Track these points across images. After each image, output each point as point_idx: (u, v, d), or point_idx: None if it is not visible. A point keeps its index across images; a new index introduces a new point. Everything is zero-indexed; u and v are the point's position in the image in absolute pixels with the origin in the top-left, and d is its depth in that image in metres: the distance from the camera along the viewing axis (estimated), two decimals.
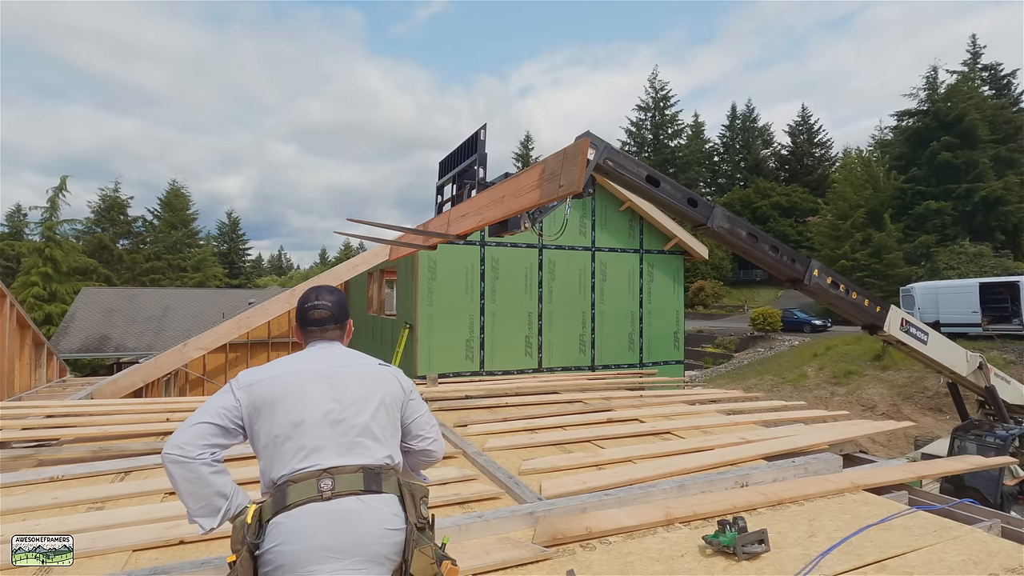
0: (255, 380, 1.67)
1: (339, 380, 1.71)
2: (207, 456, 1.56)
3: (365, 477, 1.58)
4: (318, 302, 1.89)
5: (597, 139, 3.72)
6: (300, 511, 1.50)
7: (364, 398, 1.70)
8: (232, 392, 1.65)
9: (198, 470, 1.53)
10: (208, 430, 1.58)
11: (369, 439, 1.66)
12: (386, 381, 1.78)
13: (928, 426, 14.99)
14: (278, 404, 1.63)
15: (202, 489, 1.55)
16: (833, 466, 4.11)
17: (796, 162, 50.69)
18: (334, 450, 1.60)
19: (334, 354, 1.81)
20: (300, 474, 1.56)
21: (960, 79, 33.49)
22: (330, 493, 1.52)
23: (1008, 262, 27.06)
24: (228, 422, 1.61)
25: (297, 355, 1.82)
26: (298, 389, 1.66)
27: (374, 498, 1.57)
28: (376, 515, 1.54)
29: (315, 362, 1.76)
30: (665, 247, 11.72)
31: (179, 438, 1.55)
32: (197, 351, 9.62)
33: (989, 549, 2.72)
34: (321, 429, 1.61)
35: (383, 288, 12.63)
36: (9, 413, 5.31)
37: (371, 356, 1.89)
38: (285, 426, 1.61)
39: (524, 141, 54.78)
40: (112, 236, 37.98)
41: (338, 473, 1.56)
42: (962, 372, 5.91)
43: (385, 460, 1.67)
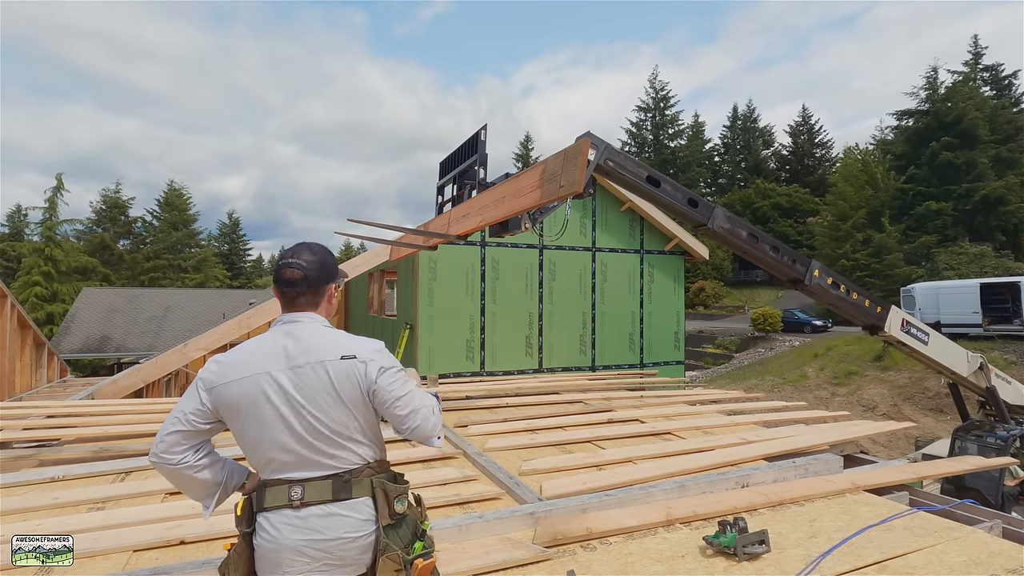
0: (216, 383, 1.60)
1: (299, 383, 1.59)
2: (188, 459, 1.61)
3: (334, 485, 1.58)
4: (292, 260, 1.69)
5: (598, 139, 3.72)
6: (276, 515, 1.57)
7: (326, 402, 1.59)
8: (198, 394, 1.61)
9: (181, 473, 1.62)
10: (180, 438, 1.60)
11: (336, 445, 1.60)
12: (347, 377, 1.61)
13: (929, 427, 14.98)
14: (240, 415, 1.59)
15: (190, 486, 1.67)
16: (834, 467, 4.11)
17: (797, 162, 50.68)
18: (301, 462, 1.58)
19: (296, 341, 1.64)
20: (272, 481, 1.61)
21: (961, 79, 33.50)
22: (299, 503, 1.56)
23: (1009, 262, 27.04)
24: (198, 425, 1.61)
25: (261, 343, 1.66)
26: (257, 401, 1.58)
27: (342, 506, 1.58)
28: (343, 523, 1.57)
29: (274, 359, 1.61)
30: (665, 247, 11.72)
31: (158, 446, 1.59)
32: (198, 351, 9.62)
33: (990, 550, 2.72)
34: (286, 443, 1.57)
35: (384, 288, 12.63)
36: (10, 413, 5.32)
37: (343, 337, 1.70)
38: (250, 439, 1.60)
39: (524, 141, 54.79)
40: (113, 236, 38.03)
41: (307, 483, 1.58)
42: (963, 373, 5.90)
43: (357, 462, 1.63)
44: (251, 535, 1.62)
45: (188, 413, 1.60)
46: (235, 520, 1.65)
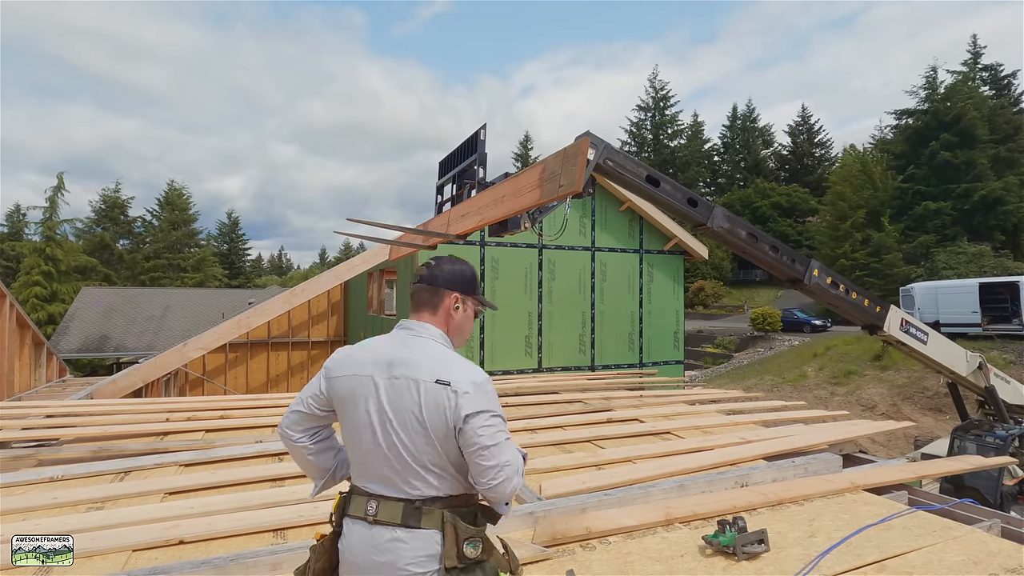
0: (334, 373, 1.64)
1: (392, 396, 1.54)
2: (305, 440, 1.68)
3: (404, 511, 1.50)
4: (431, 262, 1.72)
5: (597, 139, 3.72)
6: (354, 524, 1.56)
7: (411, 423, 1.51)
8: (320, 380, 1.67)
9: (296, 450, 1.70)
10: (299, 418, 1.67)
11: (410, 471, 1.52)
12: (435, 404, 1.51)
13: (928, 426, 14.99)
14: (344, 409, 1.61)
15: (304, 464, 1.74)
16: (833, 466, 4.12)
17: (796, 162, 50.69)
18: (381, 477, 1.55)
19: (401, 350, 1.60)
20: (357, 488, 1.61)
21: (960, 79, 33.51)
22: (372, 519, 1.52)
23: (1008, 262, 27.06)
24: (316, 410, 1.66)
25: (380, 343, 1.66)
26: (356, 401, 1.57)
27: (409, 534, 1.49)
28: (407, 553, 1.48)
29: (380, 363, 1.58)
30: (665, 247, 11.72)
31: (283, 420, 1.70)
32: (197, 351, 9.62)
33: (989, 549, 2.72)
34: (370, 453, 1.55)
35: (383, 288, 12.63)
36: (9, 413, 5.31)
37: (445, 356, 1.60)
38: (347, 436, 1.62)
39: (524, 141, 54.77)
40: (113, 236, 38.01)
41: (383, 500, 1.53)
42: (962, 372, 5.91)
43: (430, 492, 1.53)
44: (338, 535, 1.61)
45: (308, 397, 1.66)
46: (330, 517, 1.66)
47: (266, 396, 6.69)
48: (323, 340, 14.99)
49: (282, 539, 2.74)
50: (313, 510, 3.00)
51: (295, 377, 14.55)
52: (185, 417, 5.30)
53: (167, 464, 3.85)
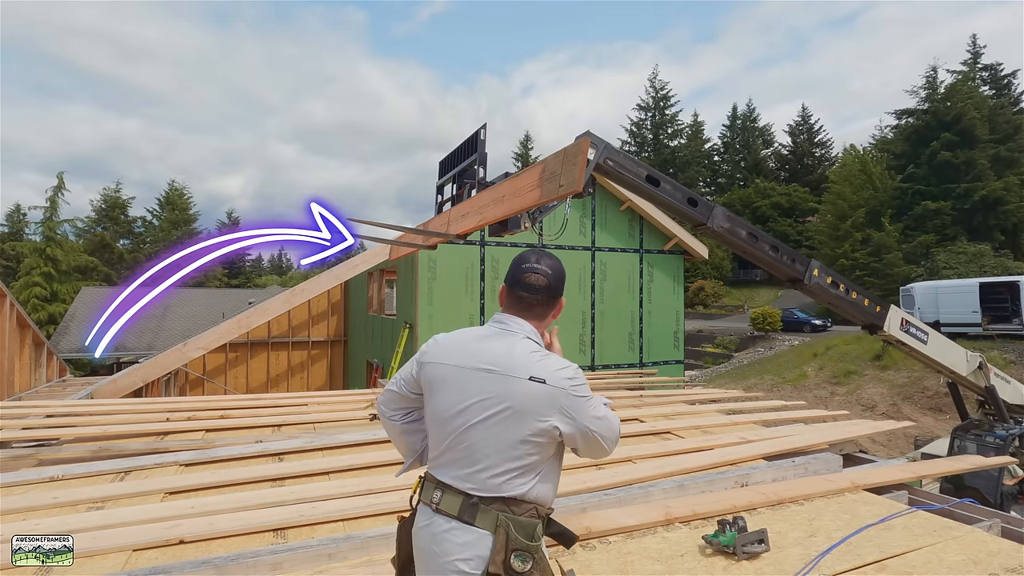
0: (428, 359, 1.65)
1: (474, 390, 1.52)
2: (398, 418, 1.75)
3: (462, 504, 1.47)
4: (537, 265, 1.66)
5: (597, 139, 3.72)
6: (422, 510, 1.58)
7: (486, 417, 1.49)
8: (413, 364, 1.70)
9: (392, 426, 1.78)
10: (393, 397, 1.74)
11: (478, 464, 1.49)
12: (529, 405, 1.48)
13: (928, 426, 14.99)
14: (431, 395, 1.63)
15: (396, 440, 1.81)
16: (833, 466, 4.12)
17: (796, 162, 50.68)
18: (451, 466, 1.54)
19: (493, 345, 1.58)
20: (429, 475, 1.62)
21: (960, 79, 33.50)
22: (435, 507, 1.53)
23: (1008, 262, 27.06)
24: (408, 392, 1.70)
25: (471, 335, 1.65)
26: (444, 389, 1.58)
27: (462, 529, 1.45)
28: (458, 548, 1.44)
29: (471, 355, 1.57)
30: (665, 247, 11.72)
31: (380, 397, 1.79)
32: (197, 351, 9.62)
33: (989, 549, 2.72)
34: (447, 443, 1.55)
35: (383, 288, 12.63)
36: (9, 413, 5.31)
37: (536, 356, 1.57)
38: (432, 421, 1.63)
39: (524, 141, 54.77)
40: (113, 235, 38.02)
41: (447, 490, 1.52)
42: (962, 372, 5.91)
43: (490, 492, 1.48)
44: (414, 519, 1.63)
45: (402, 379, 1.72)
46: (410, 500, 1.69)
47: (266, 396, 6.69)
48: (323, 340, 14.99)
49: (282, 539, 2.74)
50: (312, 510, 3.00)
51: (295, 377, 14.56)
52: (185, 417, 5.30)
53: (167, 464, 3.85)
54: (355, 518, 2.98)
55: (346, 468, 3.80)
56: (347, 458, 3.98)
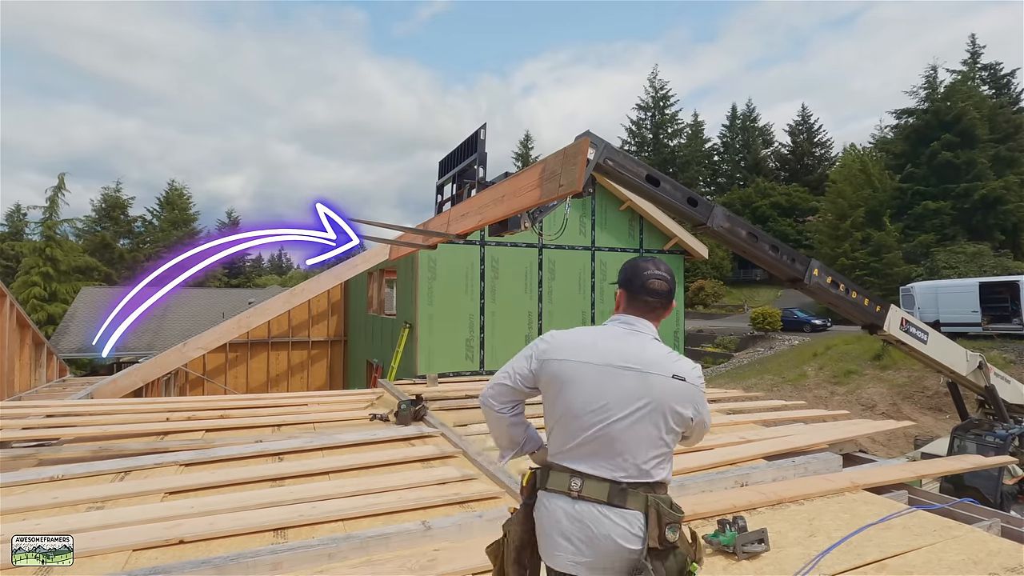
0: (548, 356, 1.72)
1: (616, 387, 1.63)
2: (507, 411, 1.81)
3: (610, 490, 1.59)
4: (658, 271, 1.79)
5: (597, 138, 3.71)
6: (554, 498, 1.65)
7: (630, 412, 1.61)
8: (530, 360, 1.76)
9: (499, 419, 1.83)
10: (505, 391, 1.80)
11: (623, 454, 1.61)
12: (663, 397, 1.64)
13: (928, 425, 14.99)
14: (561, 389, 1.69)
15: (499, 433, 1.88)
16: (833, 465, 4.12)
17: (796, 162, 50.66)
18: (589, 456, 1.63)
19: (628, 345, 1.70)
20: (557, 465, 1.69)
21: (960, 79, 33.49)
22: (576, 494, 1.61)
23: (1008, 261, 27.06)
24: (522, 386, 1.77)
25: (596, 334, 1.75)
26: (575, 386, 1.66)
27: (615, 512, 1.58)
28: (612, 528, 1.57)
29: (606, 354, 1.67)
30: (665, 247, 11.72)
31: (487, 391, 1.83)
32: (197, 351, 9.62)
33: (989, 548, 2.72)
34: (585, 435, 1.63)
35: (383, 288, 12.62)
36: (9, 413, 5.31)
37: (671, 356, 1.71)
38: (559, 414, 1.69)
39: (524, 140, 54.72)
40: (113, 235, 38.01)
41: (587, 478, 1.62)
42: (962, 371, 5.91)
43: (638, 476, 1.62)
44: (531, 506, 1.73)
45: (517, 373, 1.77)
46: (520, 489, 1.78)
47: (266, 396, 6.69)
48: (323, 340, 14.99)
49: (282, 539, 2.74)
50: (312, 510, 3.01)
51: (295, 377, 14.55)
52: (185, 417, 5.30)
53: (167, 464, 3.85)
54: (355, 518, 2.99)
55: (346, 468, 3.80)
56: (347, 458, 3.98)
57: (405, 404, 5.20)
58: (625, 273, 1.85)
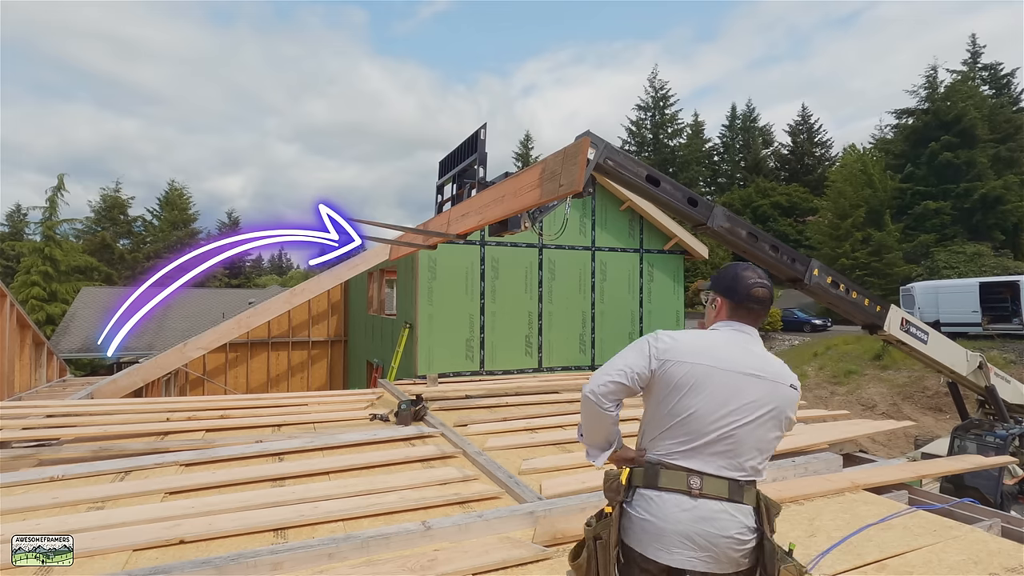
0: (671, 359, 1.73)
1: (745, 392, 1.72)
2: (614, 409, 1.78)
3: (730, 487, 1.68)
4: (760, 279, 1.87)
5: (597, 138, 3.72)
6: (671, 497, 1.67)
7: (757, 417, 1.71)
8: (648, 359, 1.76)
9: (602, 417, 1.79)
10: (619, 389, 1.76)
11: (744, 455, 1.71)
12: (783, 404, 1.77)
13: (928, 425, 14.99)
14: (679, 391, 1.71)
15: (602, 431, 1.84)
16: (833, 465, 4.12)
17: (796, 162, 50.63)
18: (711, 457, 1.69)
19: (751, 354, 1.79)
20: (671, 463, 1.71)
21: (960, 79, 33.47)
22: (698, 492, 1.66)
23: (1008, 261, 27.06)
24: (636, 385, 1.77)
25: (716, 339, 1.82)
26: (702, 388, 1.70)
27: (735, 507, 1.67)
28: (733, 523, 1.65)
29: (731, 360, 1.75)
30: (665, 247, 11.72)
31: (598, 388, 1.76)
32: (197, 351, 9.62)
33: (989, 548, 2.72)
34: (707, 434, 1.69)
35: (383, 288, 12.62)
36: (9, 413, 5.31)
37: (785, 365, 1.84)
38: (675, 414, 1.72)
39: (524, 140, 54.66)
40: (113, 235, 38.01)
41: (706, 476, 1.68)
42: (962, 371, 5.91)
43: (752, 476, 1.73)
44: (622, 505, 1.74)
45: (635, 371, 1.75)
46: (614, 488, 1.76)
47: (266, 396, 6.69)
48: (323, 340, 14.99)
49: (282, 539, 2.74)
50: (312, 510, 3.01)
51: (295, 377, 14.55)
52: (185, 417, 5.30)
53: (167, 464, 3.85)
54: (355, 518, 2.99)
55: (346, 468, 3.80)
56: (347, 458, 3.98)
57: (405, 404, 5.20)
58: (725, 281, 1.91)
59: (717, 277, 1.96)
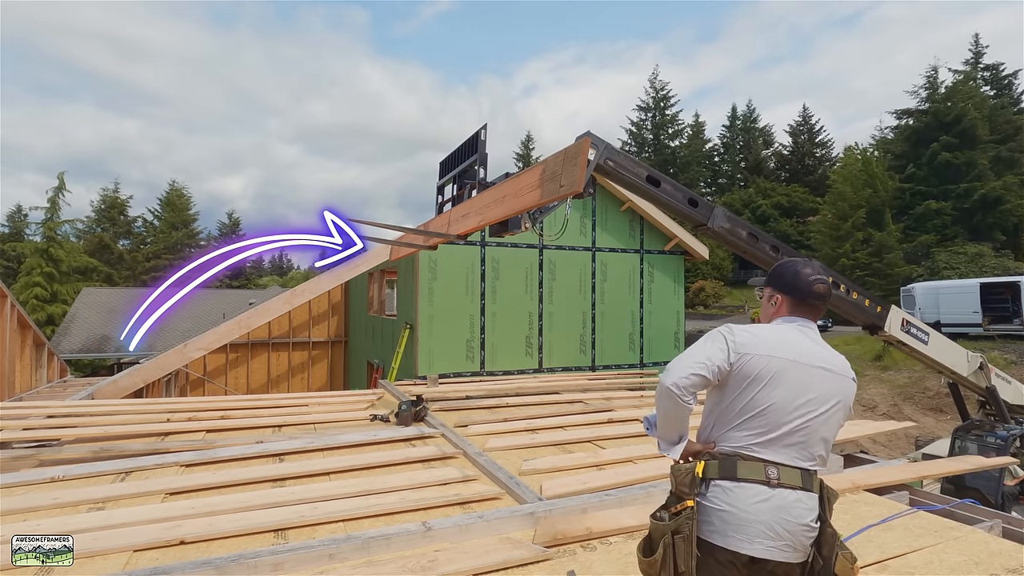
0: (749, 352, 1.77)
1: (817, 385, 1.78)
2: (693, 403, 1.78)
3: (803, 476, 1.73)
4: (819, 275, 1.92)
5: (598, 139, 3.72)
6: (750, 488, 1.70)
7: (828, 409, 1.78)
8: (728, 353, 1.78)
9: (685, 410, 1.79)
10: (700, 382, 1.77)
11: (815, 445, 1.77)
12: (847, 396, 1.84)
13: (929, 426, 14.98)
14: (757, 384, 1.75)
15: (679, 423, 1.85)
16: (834, 466, 4.11)
17: (797, 162, 50.64)
18: (786, 447, 1.74)
19: (817, 346, 1.85)
20: (748, 455, 1.74)
21: (961, 79, 33.46)
22: (776, 482, 1.70)
23: (1008, 262, 27.05)
24: (715, 377, 1.78)
25: (788, 334, 1.86)
26: (780, 381, 1.74)
27: (807, 496, 1.73)
28: (806, 511, 1.71)
29: (804, 354, 1.81)
30: (665, 247, 11.72)
31: (680, 380, 1.75)
32: (198, 351, 9.63)
33: (990, 549, 2.72)
34: (783, 426, 1.73)
35: (384, 288, 12.63)
36: (10, 413, 5.32)
37: (839, 357, 1.89)
38: (753, 407, 1.75)
39: (525, 141, 54.67)
40: (113, 236, 38.04)
41: (781, 467, 1.72)
42: (963, 372, 5.90)
43: (818, 466, 1.80)
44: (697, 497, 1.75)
45: (716, 364, 1.76)
46: (688, 482, 1.74)
47: (267, 396, 6.69)
48: (323, 340, 14.99)
49: (283, 539, 2.75)
50: (313, 510, 3.01)
51: (296, 377, 14.56)
52: (186, 417, 5.30)
53: (168, 464, 3.85)
54: (356, 518, 2.99)
55: (347, 469, 3.80)
56: (348, 459, 3.98)
57: (406, 405, 5.20)
58: (783, 278, 1.96)
59: (775, 275, 2.00)
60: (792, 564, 1.70)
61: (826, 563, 1.71)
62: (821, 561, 1.72)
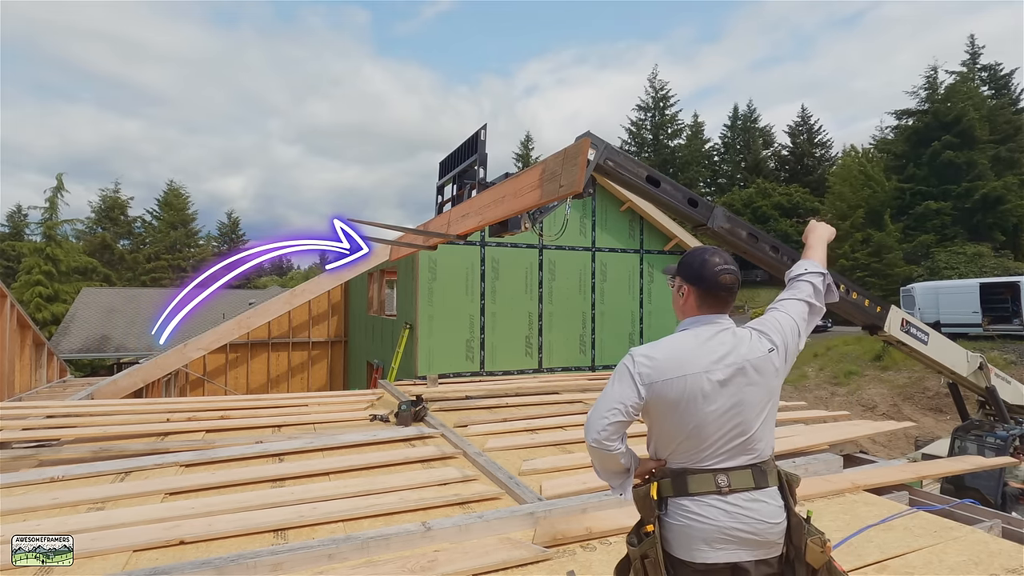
0: (656, 379, 1.71)
1: (733, 385, 1.71)
2: (619, 446, 1.75)
3: (754, 475, 1.71)
4: (727, 265, 1.81)
5: (597, 139, 3.72)
6: (703, 500, 1.69)
7: (755, 401, 1.72)
8: (636, 389, 1.72)
9: (612, 458, 1.77)
10: (619, 427, 1.74)
11: (758, 440, 1.73)
12: (770, 376, 1.76)
13: (928, 426, 14.98)
14: (678, 407, 1.70)
15: (614, 469, 1.82)
16: (833, 466, 4.12)
17: (796, 162, 50.64)
18: (728, 452, 1.71)
19: (724, 345, 1.75)
20: (697, 468, 1.72)
21: (959, 79, 33.48)
22: (727, 489, 1.68)
23: (1008, 262, 27.06)
24: (632, 416, 1.75)
25: (687, 342, 1.77)
26: (694, 399, 1.69)
27: (762, 493, 1.70)
28: (765, 509, 1.68)
29: (712, 360, 1.72)
30: (665, 247, 11.72)
31: (600, 432, 1.72)
32: (197, 351, 9.63)
33: (990, 549, 2.72)
34: (719, 436, 1.70)
35: (383, 288, 12.63)
36: (9, 413, 5.32)
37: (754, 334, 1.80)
38: (682, 429, 1.72)
39: (525, 141, 54.66)
40: (113, 236, 38.04)
41: (731, 471, 1.70)
42: (963, 372, 5.90)
43: (768, 454, 1.76)
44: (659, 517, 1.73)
45: (628, 404, 1.72)
46: (647, 505, 1.74)
47: (266, 397, 6.69)
48: (323, 340, 14.99)
49: (283, 539, 2.74)
50: (312, 511, 3.01)
51: (295, 378, 14.55)
52: (186, 417, 5.30)
53: (168, 464, 3.85)
54: (355, 519, 2.99)
55: (346, 469, 3.80)
56: (347, 459, 3.98)
57: (405, 405, 5.20)
58: (691, 267, 1.84)
59: (684, 263, 1.89)
60: (769, 560, 1.69)
61: (798, 552, 1.70)
62: (794, 551, 1.71)
